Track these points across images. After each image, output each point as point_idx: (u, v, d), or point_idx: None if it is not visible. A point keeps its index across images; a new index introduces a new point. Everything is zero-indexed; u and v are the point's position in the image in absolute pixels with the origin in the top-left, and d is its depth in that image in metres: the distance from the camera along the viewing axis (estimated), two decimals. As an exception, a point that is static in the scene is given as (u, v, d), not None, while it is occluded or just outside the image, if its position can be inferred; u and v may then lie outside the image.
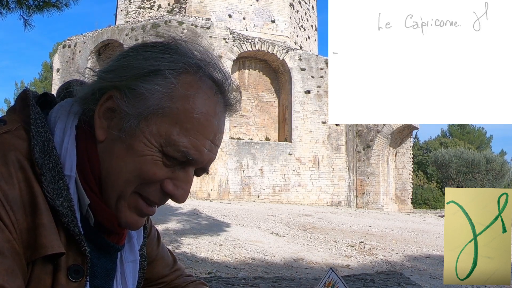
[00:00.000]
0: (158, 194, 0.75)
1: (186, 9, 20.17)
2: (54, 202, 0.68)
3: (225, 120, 0.81)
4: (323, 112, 18.63)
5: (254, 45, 18.47)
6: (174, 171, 0.74)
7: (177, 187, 0.75)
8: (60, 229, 0.69)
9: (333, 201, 18.72)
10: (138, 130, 0.72)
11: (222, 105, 0.78)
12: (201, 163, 0.76)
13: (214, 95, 0.76)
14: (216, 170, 17.25)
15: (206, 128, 0.74)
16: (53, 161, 0.71)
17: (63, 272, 0.69)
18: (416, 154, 32.13)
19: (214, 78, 0.77)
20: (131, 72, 0.73)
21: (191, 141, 0.72)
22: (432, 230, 12.00)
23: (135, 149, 0.72)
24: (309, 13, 24.80)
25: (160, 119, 0.72)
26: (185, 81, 0.74)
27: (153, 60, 0.74)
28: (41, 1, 5.82)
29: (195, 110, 0.73)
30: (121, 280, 0.85)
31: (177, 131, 0.72)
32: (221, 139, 0.79)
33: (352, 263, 7.39)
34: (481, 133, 40.02)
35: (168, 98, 0.72)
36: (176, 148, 0.72)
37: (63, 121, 0.76)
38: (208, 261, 6.68)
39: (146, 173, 0.73)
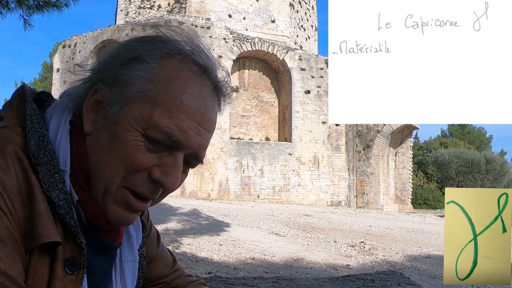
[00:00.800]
0: (146, 184, 0.72)
1: (186, 9, 20.17)
2: (50, 193, 0.69)
3: (215, 106, 0.78)
4: (323, 112, 18.63)
5: (254, 45, 18.46)
6: (161, 157, 0.72)
7: (165, 173, 0.72)
8: (57, 221, 0.69)
9: (333, 201, 18.71)
10: (121, 116, 0.72)
11: (209, 88, 0.76)
12: (189, 147, 0.73)
13: (199, 77, 0.75)
14: (216, 170, 17.25)
15: (191, 109, 0.72)
16: (48, 155, 0.71)
17: (60, 264, 0.69)
18: (416, 154, 32.13)
19: (198, 62, 0.76)
20: (115, 61, 0.74)
21: (174, 121, 0.71)
22: (432, 230, 11.99)
23: (118, 136, 0.71)
24: (309, 13, 24.80)
25: (142, 102, 0.71)
26: (167, 65, 0.73)
27: (136, 48, 0.74)
28: (41, 1, 5.82)
29: (177, 91, 0.72)
30: (120, 280, 0.85)
31: (159, 112, 0.71)
32: (212, 126, 0.77)
33: (352, 263, 7.39)
34: (481, 133, 40.02)
35: (149, 81, 0.72)
36: (158, 129, 0.70)
37: (57, 117, 0.76)
38: (208, 261, 6.68)
39: (129, 160, 0.71)
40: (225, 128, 17.60)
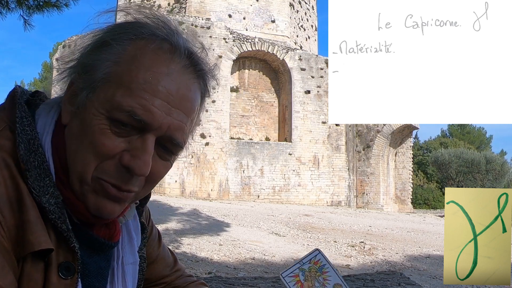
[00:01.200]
0: (118, 172, 0.69)
1: (186, 9, 20.17)
2: (40, 199, 0.67)
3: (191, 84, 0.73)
4: (323, 112, 18.62)
5: (254, 45, 18.46)
6: (130, 141, 0.69)
7: (133, 157, 0.69)
8: (49, 226, 0.68)
9: (333, 201, 18.71)
10: (88, 101, 0.70)
11: (181, 65, 0.72)
12: (157, 127, 0.69)
13: (168, 55, 0.71)
14: (216, 170, 17.25)
15: (155, 86, 0.69)
16: (39, 158, 0.70)
17: (54, 269, 0.68)
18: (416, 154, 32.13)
19: (168, 40, 0.72)
20: (85, 50, 0.73)
21: (137, 100, 0.68)
22: (432, 230, 11.99)
23: (86, 122, 0.70)
24: (309, 13, 24.80)
25: (108, 85, 0.69)
26: (133, 46, 0.71)
27: (102, 34, 0.73)
28: (41, 1, 5.82)
29: (140, 69, 0.69)
30: (122, 283, 0.84)
31: (121, 92, 0.68)
32: (186, 105, 0.72)
33: (352, 263, 7.39)
34: (481, 133, 40.02)
35: (115, 64, 0.70)
36: (120, 109, 0.67)
37: (44, 117, 0.76)
38: (208, 261, 6.68)
39: (96, 145, 0.68)
40: (225, 128, 17.60)
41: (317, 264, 0.76)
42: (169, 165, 0.76)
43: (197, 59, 0.75)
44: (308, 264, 0.76)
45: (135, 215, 0.88)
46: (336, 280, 0.74)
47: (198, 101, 0.76)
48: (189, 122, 0.74)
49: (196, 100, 0.75)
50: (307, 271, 0.75)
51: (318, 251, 0.77)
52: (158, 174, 0.74)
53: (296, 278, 0.75)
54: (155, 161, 0.73)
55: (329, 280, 0.75)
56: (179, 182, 16.65)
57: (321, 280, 0.74)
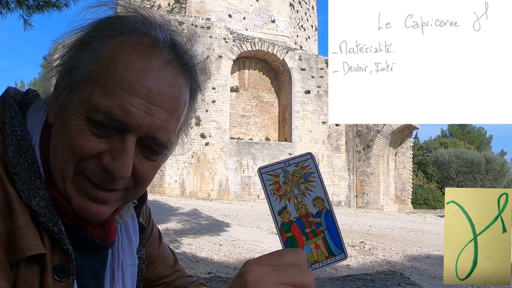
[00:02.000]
0: (98, 172, 0.67)
1: (186, 9, 20.17)
2: (30, 202, 0.66)
3: (174, 80, 0.70)
4: (323, 112, 18.63)
5: (254, 45, 18.46)
6: (110, 142, 0.67)
7: (113, 159, 0.66)
8: (42, 229, 0.67)
9: (333, 201, 18.71)
10: (69, 101, 0.68)
11: (162, 61, 0.68)
12: (137, 128, 0.66)
13: (145, 48, 0.68)
14: (216, 170, 17.25)
15: (133, 84, 0.65)
16: (29, 160, 0.69)
17: (49, 272, 0.67)
18: (416, 154, 32.12)
19: (148, 34, 0.69)
20: (68, 49, 0.72)
21: (115, 100, 0.65)
22: (432, 230, 11.99)
23: (66, 122, 0.68)
24: (309, 13, 24.79)
25: (86, 84, 0.67)
26: (112, 43, 0.68)
27: (82, 32, 0.71)
28: (41, 1, 5.82)
29: (117, 67, 0.66)
30: (122, 285, 0.83)
31: (98, 92, 0.66)
32: (169, 103, 0.69)
33: (352, 263, 7.39)
34: (481, 133, 40.02)
35: (94, 62, 0.68)
36: (97, 110, 0.65)
37: (33, 118, 0.74)
38: (208, 261, 6.68)
39: (73, 145, 0.66)
40: (225, 128, 17.61)
41: (304, 170, 0.65)
42: (157, 165, 0.73)
43: (182, 52, 0.71)
44: (294, 167, 0.65)
45: (133, 215, 0.87)
46: (319, 193, 0.64)
47: (184, 97, 0.72)
48: (173, 120, 0.70)
49: (181, 96, 0.71)
50: (290, 174, 0.65)
51: (311, 156, 0.66)
52: (146, 176, 0.72)
53: (275, 178, 0.64)
54: (141, 162, 0.70)
55: (311, 191, 0.64)
56: (179, 182, 16.66)
57: (302, 188, 0.64)
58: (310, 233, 0.62)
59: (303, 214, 0.63)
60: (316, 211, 0.63)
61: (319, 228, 0.63)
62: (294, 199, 0.63)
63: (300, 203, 0.63)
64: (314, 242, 0.62)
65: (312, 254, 0.62)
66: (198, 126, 17.18)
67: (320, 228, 0.63)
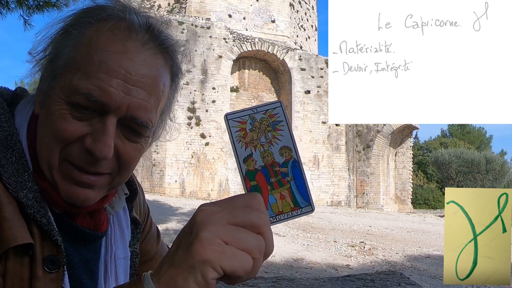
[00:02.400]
0: (81, 155, 0.69)
1: (186, 9, 20.17)
2: (17, 194, 0.67)
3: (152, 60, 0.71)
4: (323, 112, 18.63)
5: (254, 45, 18.46)
6: (91, 124, 0.69)
7: (94, 140, 0.68)
8: (31, 220, 0.68)
9: (333, 201, 18.71)
10: (51, 89, 0.71)
11: (139, 42, 0.70)
12: (117, 108, 0.68)
13: (122, 31, 0.70)
14: (216, 170, 17.26)
15: (111, 66, 0.68)
16: (17, 154, 0.70)
17: (39, 263, 0.68)
18: (416, 154, 32.13)
19: (124, 18, 0.71)
20: (49, 41, 0.74)
21: (94, 82, 0.67)
22: (432, 230, 11.99)
23: (49, 109, 0.70)
24: (309, 13, 24.79)
25: (67, 71, 0.70)
26: (90, 30, 0.71)
27: (65, 23, 0.73)
28: (41, 1, 5.83)
29: (95, 51, 0.68)
30: (115, 278, 0.83)
31: (78, 76, 0.68)
32: (147, 82, 0.70)
33: (352, 263, 7.39)
34: (481, 133, 40.02)
35: (73, 49, 0.70)
36: (77, 93, 0.67)
37: (21, 113, 0.76)
38: (208, 261, 6.67)
39: (57, 130, 0.68)
40: (225, 128, 17.59)
41: (272, 118, 0.63)
42: (140, 148, 0.74)
43: (158, 33, 0.73)
44: (262, 115, 0.63)
45: (125, 208, 0.87)
46: (287, 143, 0.61)
47: (163, 77, 0.74)
48: (152, 100, 0.72)
49: (160, 76, 0.73)
50: (258, 121, 0.62)
51: (280, 104, 0.64)
52: (129, 158, 0.73)
53: (242, 125, 0.62)
54: (124, 144, 0.72)
55: (279, 140, 0.62)
56: (179, 182, 16.66)
57: (269, 137, 0.62)
58: (275, 182, 0.60)
59: (269, 163, 0.61)
60: (283, 160, 0.61)
61: (285, 179, 0.61)
62: (260, 147, 0.62)
63: (267, 152, 0.62)
64: (279, 193, 0.60)
65: (276, 204, 0.60)
66: (198, 126, 17.19)
67: (286, 178, 0.61)
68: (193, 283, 0.52)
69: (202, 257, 0.51)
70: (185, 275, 0.52)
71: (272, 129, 0.63)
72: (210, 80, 17.66)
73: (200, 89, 17.48)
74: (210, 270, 0.51)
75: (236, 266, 0.51)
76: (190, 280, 0.52)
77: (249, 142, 0.62)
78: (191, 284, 0.52)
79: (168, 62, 0.75)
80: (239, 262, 0.52)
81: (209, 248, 0.51)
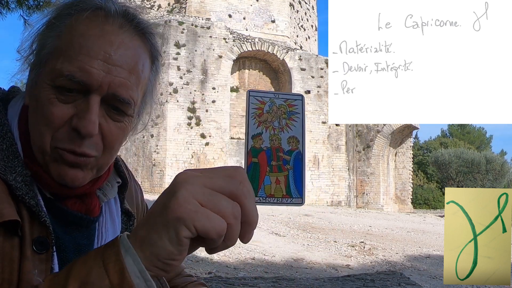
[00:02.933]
0: (69, 136, 0.73)
1: (186, 9, 20.17)
2: (6, 177, 0.70)
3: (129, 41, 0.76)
4: (323, 112, 18.63)
5: (254, 45, 18.46)
6: (76, 105, 0.73)
7: (79, 118, 0.72)
8: (21, 203, 0.71)
9: (333, 201, 18.71)
10: (38, 78, 0.75)
11: (116, 26, 0.75)
12: (99, 87, 0.72)
13: (99, 17, 0.75)
14: (216, 170, 17.24)
15: (91, 48, 0.72)
16: (7, 142, 0.75)
17: (28, 244, 0.70)
18: (416, 154, 32.12)
19: (101, 6, 0.76)
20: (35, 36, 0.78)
21: (75, 63, 0.71)
22: (432, 230, 11.99)
23: (37, 96, 0.74)
24: (309, 13, 24.79)
25: (51, 58, 0.74)
26: (72, 20, 0.75)
27: (49, 16, 0.78)
28: (41, 1, 5.83)
29: (75, 36, 0.73)
30: None
31: (61, 60, 0.72)
32: (126, 61, 0.75)
33: (352, 263, 7.39)
34: (481, 133, 40.02)
35: (57, 38, 0.75)
36: (61, 75, 0.72)
37: (13, 106, 0.81)
38: (208, 261, 6.68)
39: (46, 115, 0.72)
40: (225, 128, 17.61)
41: (290, 108, 0.65)
42: (123, 127, 0.78)
43: (133, 17, 0.78)
44: (282, 102, 0.64)
45: (116, 198, 0.90)
46: (297, 134, 0.64)
47: (141, 58, 0.78)
48: (133, 78, 0.76)
49: (139, 56, 0.77)
50: (276, 106, 0.65)
51: (302, 98, 0.66)
52: (112, 136, 0.76)
53: (261, 104, 0.64)
54: (107, 122, 0.75)
55: (290, 129, 0.64)
56: (179, 182, 16.64)
57: (282, 123, 0.64)
58: (275, 166, 0.63)
59: (275, 147, 0.63)
60: (288, 148, 0.64)
61: (286, 166, 0.63)
62: (271, 129, 0.64)
63: (276, 136, 0.64)
64: (276, 177, 0.62)
65: (270, 187, 0.62)
66: (198, 126, 17.19)
67: (286, 166, 0.63)
68: (166, 240, 0.53)
69: (176, 214, 0.52)
70: (159, 231, 0.53)
71: (287, 118, 0.65)
72: (210, 80, 17.66)
73: (200, 89, 17.48)
74: (183, 228, 0.52)
75: (208, 227, 0.52)
76: (164, 237, 0.53)
77: (262, 121, 0.64)
78: (164, 240, 0.53)
79: (147, 44, 0.80)
80: (212, 223, 0.52)
81: (184, 207, 0.52)
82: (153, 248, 0.54)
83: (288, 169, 0.63)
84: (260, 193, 0.62)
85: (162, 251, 0.53)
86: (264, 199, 0.62)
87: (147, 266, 0.54)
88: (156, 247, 0.54)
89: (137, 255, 0.54)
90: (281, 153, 0.63)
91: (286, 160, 0.63)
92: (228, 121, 17.81)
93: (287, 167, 0.63)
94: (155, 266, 0.54)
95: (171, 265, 0.55)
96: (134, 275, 0.53)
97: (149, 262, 0.54)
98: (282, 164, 0.63)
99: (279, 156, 0.63)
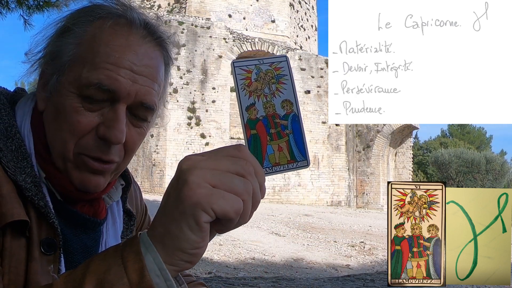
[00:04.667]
0: (96, 144, 0.73)
1: (186, 9, 20.17)
2: (16, 177, 0.70)
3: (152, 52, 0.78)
4: (323, 112, 18.62)
5: (254, 45, 18.46)
6: (103, 114, 0.73)
7: (108, 127, 0.73)
8: (29, 204, 0.71)
9: (333, 201, 18.70)
10: (59, 85, 0.75)
11: (139, 36, 0.76)
12: (126, 95, 0.73)
13: (123, 27, 0.76)
14: (216, 170, 17.24)
15: (118, 58, 0.73)
16: (16, 143, 0.74)
17: (36, 245, 0.70)
18: (416, 154, 32.12)
19: (125, 16, 0.77)
20: (50, 39, 0.78)
21: (103, 72, 0.72)
22: (432, 230, 11.97)
23: (59, 104, 0.74)
24: (309, 13, 24.79)
25: (74, 66, 0.74)
26: (93, 27, 0.76)
27: (63, 21, 0.78)
28: (41, 1, 5.83)
29: (100, 45, 0.73)
30: None
31: (87, 69, 0.72)
32: (151, 72, 0.76)
33: (352, 263, 7.39)
34: (481, 133, 40.00)
35: (77, 45, 0.75)
36: (89, 84, 0.71)
37: (22, 108, 0.81)
38: (208, 261, 6.68)
39: (71, 123, 0.72)
40: (225, 128, 17.61)
41: (277, 71, 0.65)
42: (143, 132, 0.80)
43: (154, 29, 0.79)
44: (267, 67, 0.65)
45: (119, 200, 0.90)
46: (289, 97, 0.63)
47: (161, 67, 0.80)
48: (156, 86, 0.78)
49: (159, 66, 0.79)
50: (263, 72, 0.65)
51: (286, 59, 0.65)
52: (133, 142, 0.78)
53: (247, 74, 0.64)
54: (129, 129, 0.76)
55: (282, 93, 0.64)
56: (179, 182, 16.64)
57: (273, 89, 0.64)
58: (274, 134, 0.62)
59: (271, 114, 0.63)
60: (283, 113, 0.63)
61: (285, 131, 0.63)
62: (263, 97, 0.63)
63: (269, 103, 0.63)
64: (277, 144, 0.62)
65: (274, 155, 0.62)
66: (198, 126, 17.19)
67: (285, 131, 0.63)
68: (187, 230, 0.52)
69: (192, 200, 0.51)
70: (177, 222, 0.52)
71: (276, 82, 0.64)
72: (210, 80, 17.66)
73: (200, 89, 17.48)
74: (202, 213, 0.51)
75: (226, 207, 0.52)
76: (184, 227, 0.52)
77: (253, 91, 0.64)
78: (185, 231, 0.52)
79: (162, 53, 0.82)
80: (229, 203, 0.52)
81: (198, 191, 0.51)
82: (175, 242, 0.53)
83: (287, 134, 0.63)
84: (265, 164, 0.61)
85: (185, 243, 0.52)
86: (271, 169, 0.61)
87: (172, 262, 0.53)
88: (178, 240, 0.52)
89: (157, 253, 0.53)
90: (277, 119, 0.63)
91: (284, 126, 0.63)
92: (228, 121, 17.80)
93: (286, 132, 0.63)
94: (181, 259, 0.53)
95: (196, 255, 0.54)
96: (154, 274, 0.52)
97: (173, 257, 0.53)
98: (281, 130, 0.63)
99: (276, 123, 0.63)
